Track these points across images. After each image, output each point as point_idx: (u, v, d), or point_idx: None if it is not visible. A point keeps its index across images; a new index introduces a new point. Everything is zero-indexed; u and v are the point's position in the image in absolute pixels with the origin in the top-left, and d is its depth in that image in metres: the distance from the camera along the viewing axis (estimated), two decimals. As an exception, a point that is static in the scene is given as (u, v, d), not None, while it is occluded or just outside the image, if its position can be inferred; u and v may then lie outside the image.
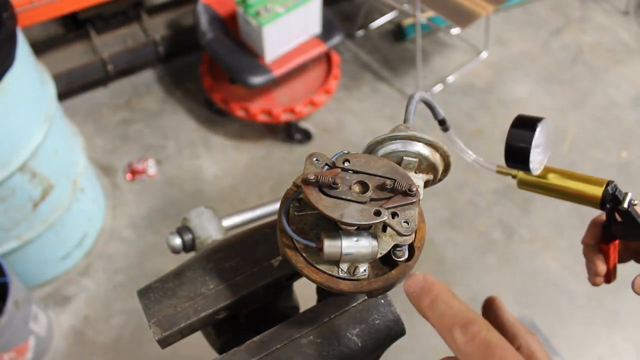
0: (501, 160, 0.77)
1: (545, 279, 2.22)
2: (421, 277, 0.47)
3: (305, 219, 0.56)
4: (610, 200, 0.70)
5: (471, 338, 0.42)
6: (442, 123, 0.72)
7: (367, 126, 2.69)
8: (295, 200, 0.55)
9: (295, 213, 0.55)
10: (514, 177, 0.77)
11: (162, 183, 2.46)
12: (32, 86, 1.66)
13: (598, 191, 0.70)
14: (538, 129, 0.67)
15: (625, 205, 0.70)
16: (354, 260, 0.53)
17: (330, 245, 0.51)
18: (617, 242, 0.77)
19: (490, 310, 0.51)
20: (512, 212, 2.41)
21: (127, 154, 2.53)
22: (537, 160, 0.72)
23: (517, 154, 0.69)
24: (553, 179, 0.74)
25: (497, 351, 0.40)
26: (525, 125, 0.69)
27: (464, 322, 0.43)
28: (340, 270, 0.53)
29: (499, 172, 0.77)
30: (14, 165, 1.62)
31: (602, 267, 0.77)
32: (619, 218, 0.71)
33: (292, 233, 0.53)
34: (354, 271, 0.53)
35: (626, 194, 0.70)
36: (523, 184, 0.77)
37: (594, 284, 0.80)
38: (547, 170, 0.75)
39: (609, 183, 0.70)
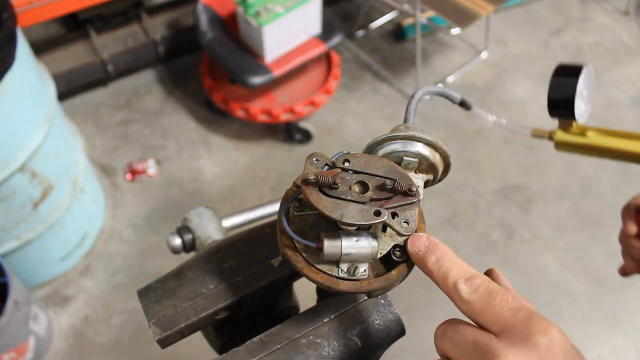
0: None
1: (545, 279, 2.22)
2: (425, 238, 0.51)
3: (305, 219, 0.56)
4: None
5: (475, 288, 0.45)
6: (463, 104, 0.70)
7: (367, 126, 2.69)
8: (295, 201, 0.55)
9: (295, 213, 0.55)
10: (550, 138, 0.73)
11: (162, 183, 2.46)
12: (32, 86, 1.66)
13: None
14: (582, 76, 0.65)
15: None
16: (354, 261, 0.53)
17: (330, 246, 0.51)
18: None
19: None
20: (512, 212, 2.41)
21: (127, 154, 2.53)
22: (582, 108, 0.70)
23: (561, 103, 0.67)
24: (594, 138, 0.70)
25: (499, 295, 0.44)
26: (568, 73, 0.67)
27: (468, 276, 0.47)
28: (340, 270, 0.53)
29: (534, 135, 0.74)
30: (14, 166, 1.62)
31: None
32: None
33: (292, 233, 0.53)
34: (354, 271, 0.53)
35: None
36: (562, 145, 0.73)
37: (629, 270, 0.75)
38: (585, 129, 0.72)
39: None
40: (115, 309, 2.11)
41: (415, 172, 0.59)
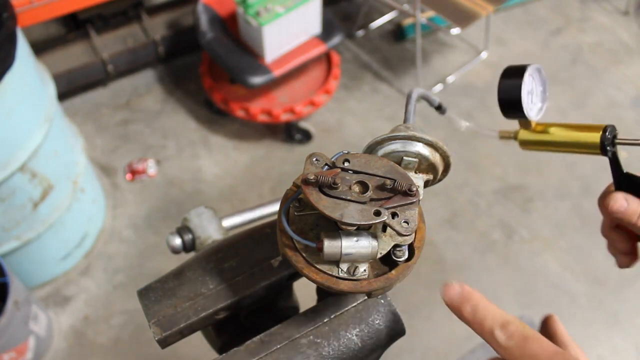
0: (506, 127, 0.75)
1: (545, 279, 2.22)
2: (459, 287, 0.53)
3: (305, 219, 0.56)
4: (610, 143, 0.67)
5: (510, 335, 0.48)
6: (439, 108, 0.72)
7: (367, 126, 2.69)
8: (295, 201, 0.55)
9: (296, 213, 0.55)
10: (515, 138, 0.75)
11: (162, 183, 2.46)
12: (32, 86, 1.66)
13: (596, 137, 0.67)
14: (526, 76, 0.67)
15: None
16: (354, 260, 0.53)
17: (330, 246, 0.51)
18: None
19: (546, 324, 0.59)
20: (512, 212, 2.41)
21: (127, 154, 2.53)
22: (535, 107, 0.71)
23: (510, 104, 0.69)
24: (554, 132, 0.72)
25: (534, 341, 0.47)
26: (513, 75, 0.68)
27: (503, 322, 0.49)
28: (340, 270, 0.53)
29: (501, 137, 0.76)
30: (14, 166, 1.62)
31: (623, 244, 0.72)
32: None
33: (292, 233, 0.53)
34: (354, 271, 0.53)
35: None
36: (525, 144, 0.75)
37: (622, 264, 0.75)
38: (548, 125, 0.73)
39: (607, 127, 0.67)
40: (115, 309, 2.11)
41: (415, 172, 0.59)
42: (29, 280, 2.05)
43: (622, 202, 0.66)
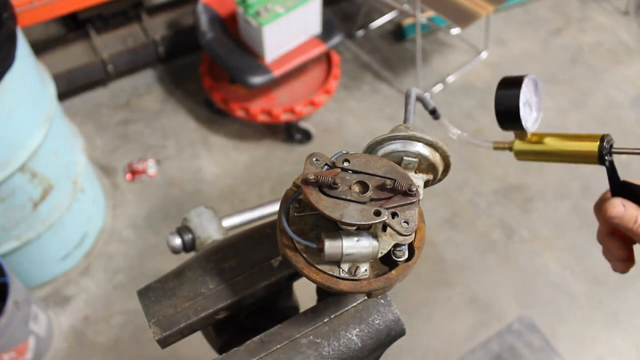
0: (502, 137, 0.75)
1: (545, 279, 2.22)
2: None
3: (306, 219, 0.56)
4: (608, 153, 0.67)
5: None
6: (433, 112, 0.73)
7: (367, 126, 2.69)
8: (295, 201, 0.55)
9: (295, 214, 0.55)
10: (510, 149, 0.75)
11: (162, 183, 2.46)
12: (32, 86, 1.66)
13: (594, 146, 0.67)
14: (523, 86, 0.67)
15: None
16: (355, 260, 0.53)
17: (331, 246, 0.51)
18: None
19: None
20: (512, 212, 2.41)
21: (127, 154, 2.53)
22: (531, 118, 0.72)
23: (507, 115, 0.69)
24: (549, 143, 0.72)
25: None
26: (510, 85, 0.69)
27: None
28: (341, 270, 0.53)
29: (495, 148, 0.77)
30: (14, 166, 1.62)
31: (620, 251, 0.72)
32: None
33: (292, 234, 0.53)
34: (355, 271, 0.53)
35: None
36: (521, 154, 0.75)
37: (618, 270, 0.75)
38: (542, 136, 0.73)
39: (604, 136, 0.67)
40: (115, 309, 2.11)
41: (415, 172, 0.59)
42: (29, 280, 2.05)
43: (620, 207, 0.66)
